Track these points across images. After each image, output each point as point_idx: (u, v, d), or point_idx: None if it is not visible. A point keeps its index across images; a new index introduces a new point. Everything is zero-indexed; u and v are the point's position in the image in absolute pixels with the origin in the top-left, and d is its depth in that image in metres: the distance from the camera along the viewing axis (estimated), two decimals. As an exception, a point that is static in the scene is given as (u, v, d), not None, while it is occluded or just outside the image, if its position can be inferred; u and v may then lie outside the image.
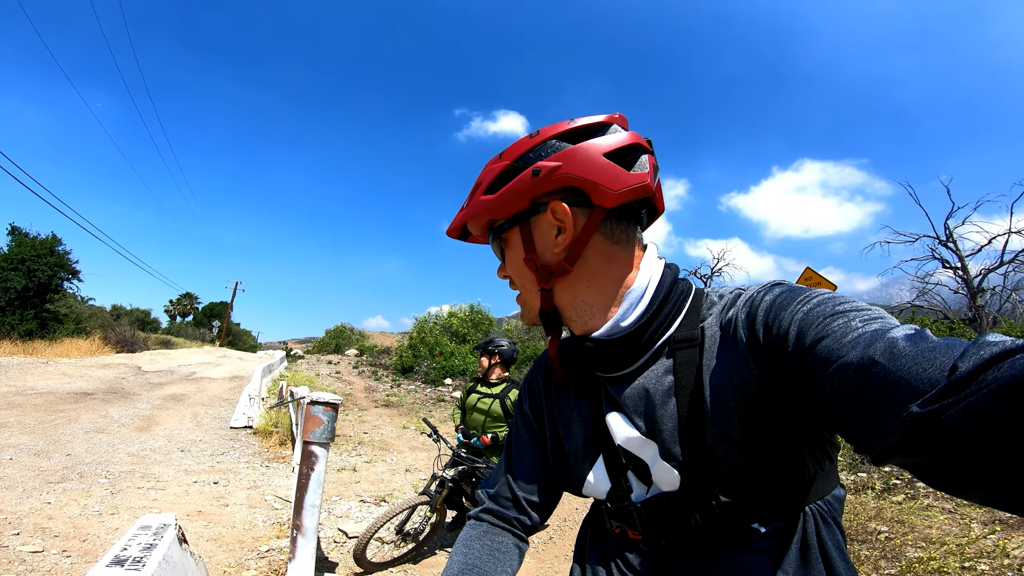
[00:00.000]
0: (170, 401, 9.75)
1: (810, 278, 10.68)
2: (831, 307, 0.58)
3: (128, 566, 1.72)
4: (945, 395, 0.39)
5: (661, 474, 0.71)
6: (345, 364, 22.74)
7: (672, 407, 0.70)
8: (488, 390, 4.15)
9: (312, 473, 2.82)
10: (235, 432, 7.94)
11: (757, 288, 0.71)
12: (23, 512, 3.47)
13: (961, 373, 0.39)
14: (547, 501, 0.90)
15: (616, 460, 0.76)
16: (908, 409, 0.41)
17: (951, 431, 0.38)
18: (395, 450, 8.25)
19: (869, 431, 0.47)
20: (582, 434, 0.81)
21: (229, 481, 5.29)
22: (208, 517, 4.04)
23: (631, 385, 0.75)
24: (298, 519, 2.70)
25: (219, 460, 6.13)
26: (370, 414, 11.75)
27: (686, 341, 0.71)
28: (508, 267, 0.82)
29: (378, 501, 5.31)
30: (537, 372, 0.94)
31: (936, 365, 0.42)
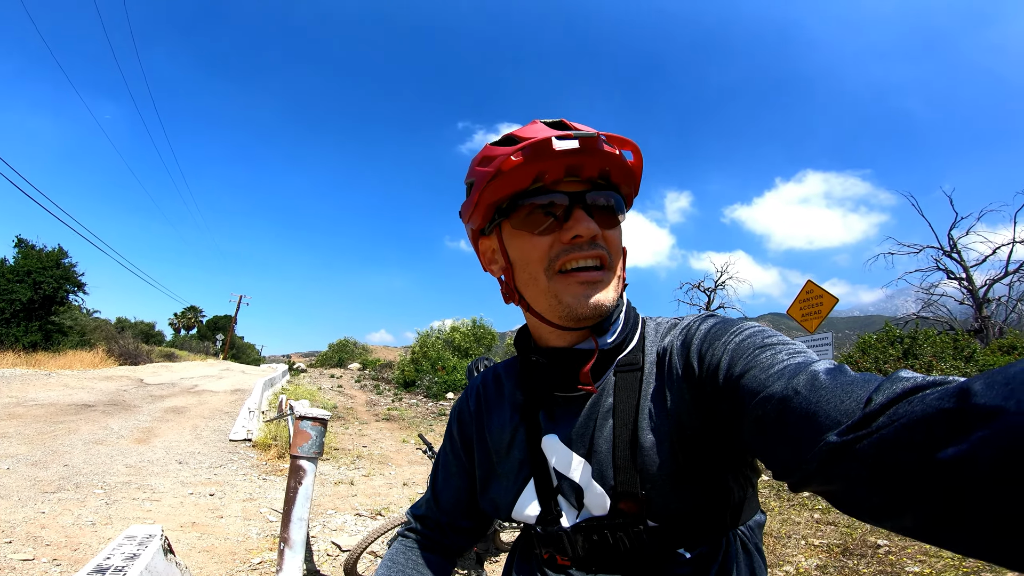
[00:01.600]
0: (171, 413, 9.74)
1: (811, 291, 10.64)
2: (760, 339, 0.61)
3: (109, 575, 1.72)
4: (859, 426, 0.41)
5: (593, 497, 0.70)
6: (348, 378, 22.72)
7: (608, 430, 0.70)
8: None
9: (300, 487, 2.82)
10: (234, 445, 7.92)
11: (693, 318, 0.73)
12: (16, 521, 3.47)
13: (875, 406, 0.41)
14: (473, 527, 0.91)
15: (547, 483, 0.75)
16: (825, 439, 0.43)
17: (864, 461, 0.40)
18: (394, 464, 8.21)
19: (789, 458, 0.48)
20: (514, 458, 0.80)
21: (225, 493, 5.27)
22: (202, 528, 4.03)
23: (577, 406, 0.74)
24: (285, 532, 2.69)
25: (216, 472, 6.11)
26: (370, 428, 11.71)
27: (629, 365, 0.73)
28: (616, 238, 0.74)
29: (374, 515, 5.27)
30: (468, 397, 0.92)
31: (853, 397, 0.45)
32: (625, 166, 0.72)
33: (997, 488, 0.31)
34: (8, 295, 18.18)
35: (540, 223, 0.71)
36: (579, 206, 0.70)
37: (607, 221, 0.72)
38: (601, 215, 0.71)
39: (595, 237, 0.69)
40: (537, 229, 0.71)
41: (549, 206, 0.70)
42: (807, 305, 10.47)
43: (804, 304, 10.51)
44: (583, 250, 0.69)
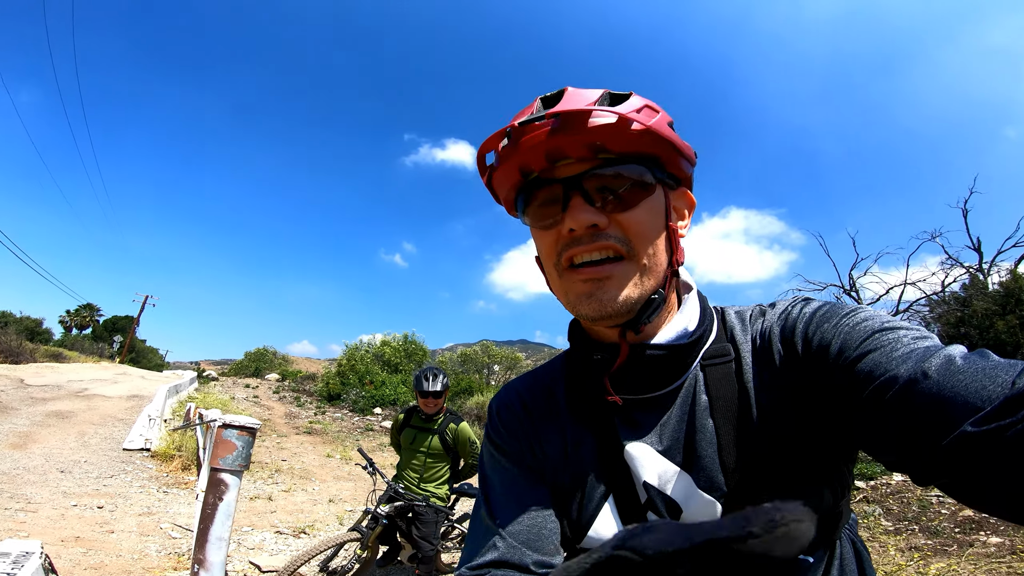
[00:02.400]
0: (53, 418, 8.59)
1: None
2: (879, 323, 0.54)
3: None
4: (1003, 414, 0.37)
5: (697, 508, 0.60)
6: (265, 388, 21.19)
7: (710, 430, 0.61)
8: (425, 424, 3.69)
9: (220, 503, 2.47)
10: (129, 454, 7.09)
11: (790, 302, 0.66)
12: None
13: (1019, 388, 0.37)
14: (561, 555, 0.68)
15: (632, 500, 0.63)
16: (962, 428, 0.39)
17: (1008, 453, 0.36)
18: (317, 479, 7.64)
19: (916, 448, 0.44)
20: (584, 473, 0.66)
21: (117, 506, 4.63)
22: (88, 544, 3.46)
23: (659, 407, 0.64)
24: (201, 553, 2.33)
25: (106, 483, 5.39)
26: (290, 441, 10.90)
27: (719, 357, 0.64)
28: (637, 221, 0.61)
29: (297, 533, 4.82)
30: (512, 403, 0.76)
31: (997, 382, 0.40)
32: (632, 132, 0.58)
33: None
34: None
35: (544, 217, 0.63)
36: (576, 193, 0.60)
37: (620, 202, 0.60)
38: (611, 196, 0.60)
39: (596, 226, 0.59)
40: (540, 223, 0.64)
41: (549, 197, 0.62)
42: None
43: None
44: (583, 243, 0.60)
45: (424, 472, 3.65)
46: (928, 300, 15.55)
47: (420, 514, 3.50)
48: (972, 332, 12.95)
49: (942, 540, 4.21)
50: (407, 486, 3.62)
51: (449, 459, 3.73)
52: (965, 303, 13.49)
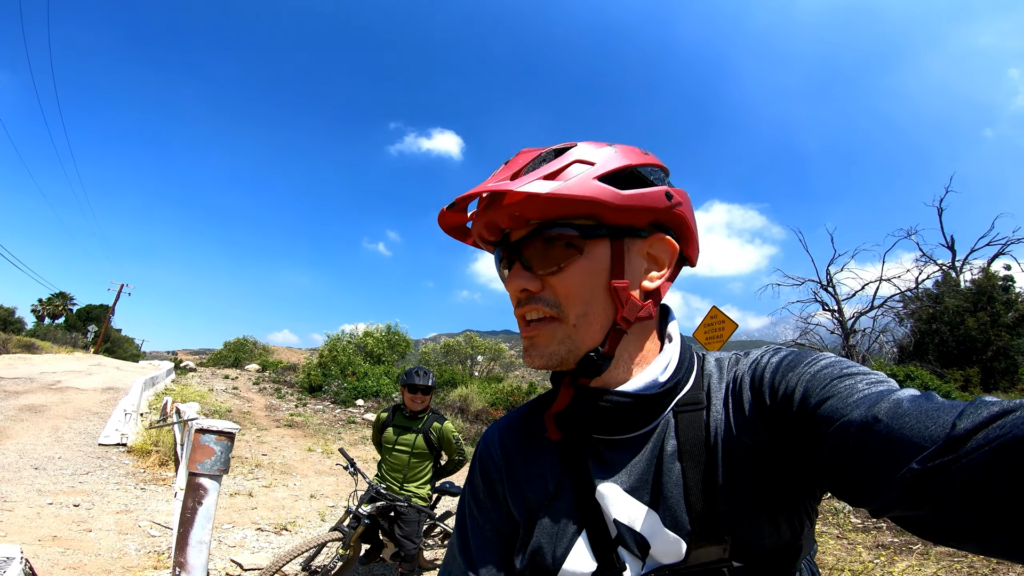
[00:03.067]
0: (26, 412, 8.40)
1: (715, 317, 11.49)
2: (838, 370, 0.59)
3: None
4: (944, 452, 0.41)
5: (663, 545, 0.64)
6: (244, 379, 20.93)
7: (677, 472, 0.65)
8: (408, 423, 3.73)
9: (200, 507, 2.47)
10: (105, 450, 6.97)
11: (761, 351, 0.70)
12: None
13: (960, 431, 0.41)
14: None
15: (603, 536, 0.67)
16: (909, 466, 0.43)
17: (951, 487, 0.40)
18: (299, 474, 7.61)
19: (870, 486, 0.48)
20: (560, 510, 0.70)
21: (94, 504, 4.56)
22: (65, 543, 3.42)
23: (631, 450, 0.68)
24: (181, 556, 2.33)
25: (82, 480, 5.31)
26: (271, 434, 10.81)
27: (691, 404, 0.68)
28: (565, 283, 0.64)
29: (278, 530, 4.81)
30: (492, 442, 0.81)
31: (938, 423, 0.44)
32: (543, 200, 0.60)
33: None
34: None
35: (502, 278, 0.70)
36: (516, 260, 0.66)
37: (551, 265, 0.63)
38: (544, 259, 0.64)
39: (528, 290, 0.64)
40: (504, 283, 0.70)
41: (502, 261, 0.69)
42: (711, 329, 11.31)
43: (708, 328, 11.34)
44: (522, 305, 0.66)
45: (408, 472, 3.66)
46: (902, 296, 15.97)
47: (402, 514, 3.52)
48: (943, 328, 13.36)
49: (908, 539, 4.38)
50: (389, 486, 3.63)
51: (432, 458, 3.75)
52: (937, 300, 13.90)
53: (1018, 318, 10.24)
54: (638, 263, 0.67)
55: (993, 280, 11.32)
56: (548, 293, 0.64)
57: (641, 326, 0.69)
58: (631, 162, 0.64)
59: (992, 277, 11.49)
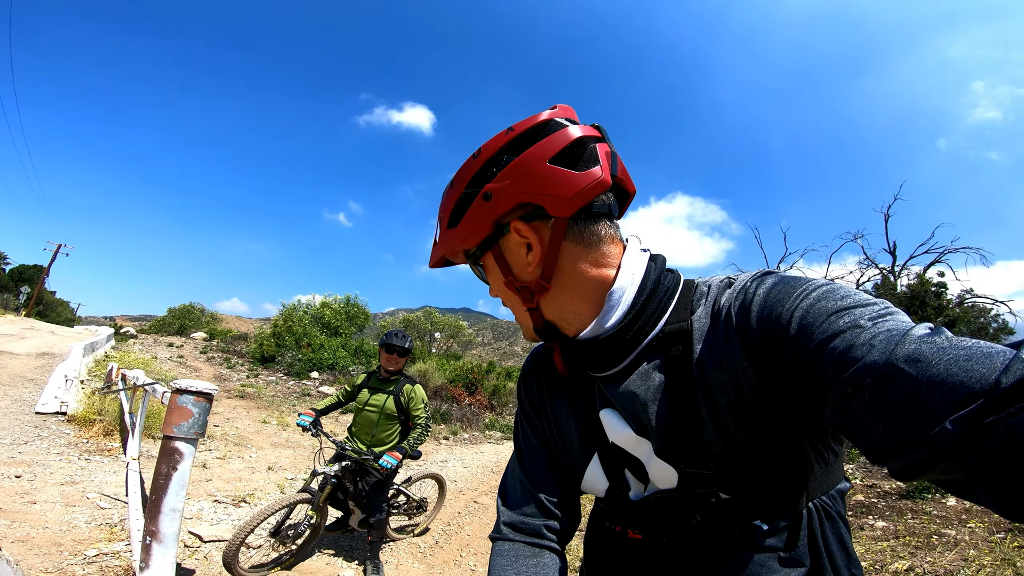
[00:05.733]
0: (-49, 377, 7.79)
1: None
2: (834, 302, 0.53)
3: None
4: (986, 412, 0.37)
5: (658, 472, 0.68)
6: (190, 348, 20.07)
7: (664, 404, 0.67)
8: (381, 385, 3.89)
9: (175, 473, 2.41)
10: (43, 419, 6.58)
11: (748, 277, 0.66)
12: None
13: (1004, 387, 0.36)
14: (571, 500, 0.83)
15: (612, 458, 0.74)
16: (942, 424, 0.38)
17: (990, 453, 0.36)
18: (254, 446, 7.47)
19: (893, 444, 0.43)
20: (577, 431, 0.78)
21: (36, 475, 4.35)
22: (10, 516, 3.27)
23: (623, 383, 0.71)
24: (153, 524, 2.28)
25: (21, 451, 5.02)
26: (222, 405, 10.49)
27: (675, 335, 0.68)
28: (493, 291, 0.80)
29: (236, 502, 4.74)
30: (531, 371, 0.90)
31: (975, 376, 0.39)
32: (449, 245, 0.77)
33: None
34: None
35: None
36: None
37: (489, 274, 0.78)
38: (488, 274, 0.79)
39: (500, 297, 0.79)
40: None
41: None
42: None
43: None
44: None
45: (377, 432, 3.76)
46: (842, 295, 16.93)
47: (367, 474, 3.58)
48: (876, 325, 14.34)
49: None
50: (356, 447, 3.70)
51: (400, 422, 3.81)
52: (873, 300, 14.84)
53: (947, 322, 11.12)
54: (518, 251, 0.72)
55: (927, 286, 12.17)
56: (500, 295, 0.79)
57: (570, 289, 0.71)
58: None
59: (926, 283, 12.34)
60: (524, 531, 0.79)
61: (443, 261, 0.82)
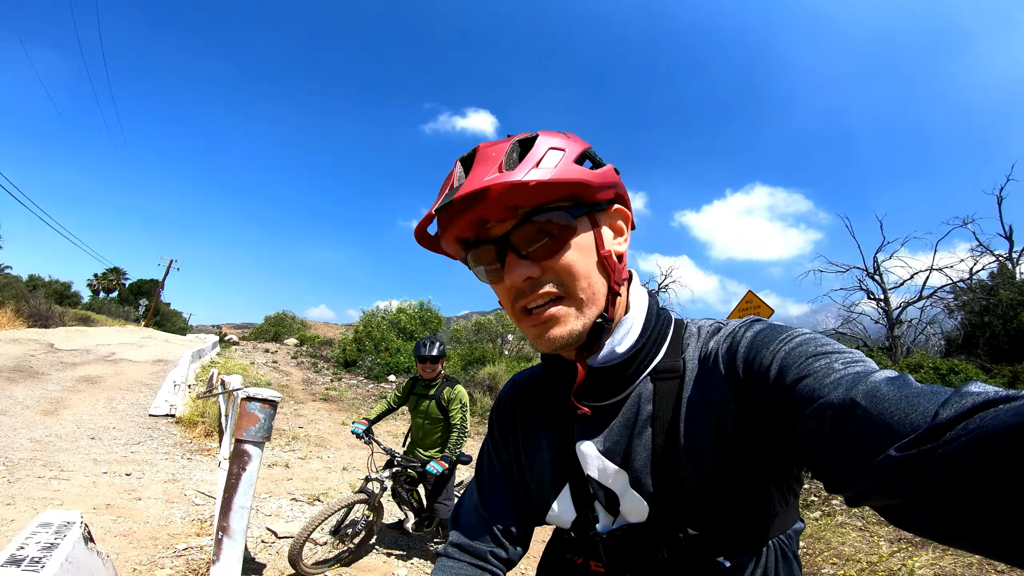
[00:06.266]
0: (83, 383, 9.00)
1: (751, 301, 11.27)
2: (813, 347, 0.58)
3: (26, 566, 1.55)
4: (925, 441, 0.40)
5: (630, 505, 0.70)
6: (283, 354, 21.79)
7: (647, 437, 0.69)
8: (424, 391, 4.01)
9: (244, 473, 2.65)
10: (155, 420, 7.42)
11: (738, 323, 0.71)
12: None
13: (942, 420, 0.40)
14: (523, 531, 0.86)
15: (583, 490, 0.75)
16: (887, 453, 0.42)
17: (930, 478, 0.39)
18: (332, 447, 7.96)
19: (846, 472, 0.47)
20: (549, 462, 0.79)
21: (144, 473, 4.92)
22: (118, 511, 3.72)
23: (609, 414, 0.73)
24: (224, 520, 2.51)
25: (134, 450, 5.70)
26: (307, 408, 11.29)
27: (668, 372, 0.70)
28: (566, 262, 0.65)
29: (311, 500, 5.08)
30: (508, 400, 0.90)
31: (919, 410, 0.42)
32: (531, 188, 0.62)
33: None
34: None
35: (490, 273, 0.69)
36: (510, 252, 0.65)
37: (548, 248, 0.65)
38: (539, 246, 0.65)
39: (531, 278, 0.65)
40: (489, 280, 0.70)
41: (488, 257, 0.67)
42: (745, 314, 11.11)
43: (743, 313, 11.15)
44: (526, 294, 0.66)
45: (425, 436, 3.94)
46: (953, 287, 15.18)
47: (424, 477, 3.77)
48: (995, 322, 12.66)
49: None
50: (409, 452, 3.92)
51: (446, 424, 3.93)
52: (991, 292, 13.15)
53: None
54: (608, 233, 0.71)
55: (1051, 274, 10.60)
56: (550, 275, 0.66)
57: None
58: (584, 147, 0.68)
59: (1051, 271, 10.76)
60: (470, 553, 0.83)
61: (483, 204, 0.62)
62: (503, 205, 0.63)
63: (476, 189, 0.61)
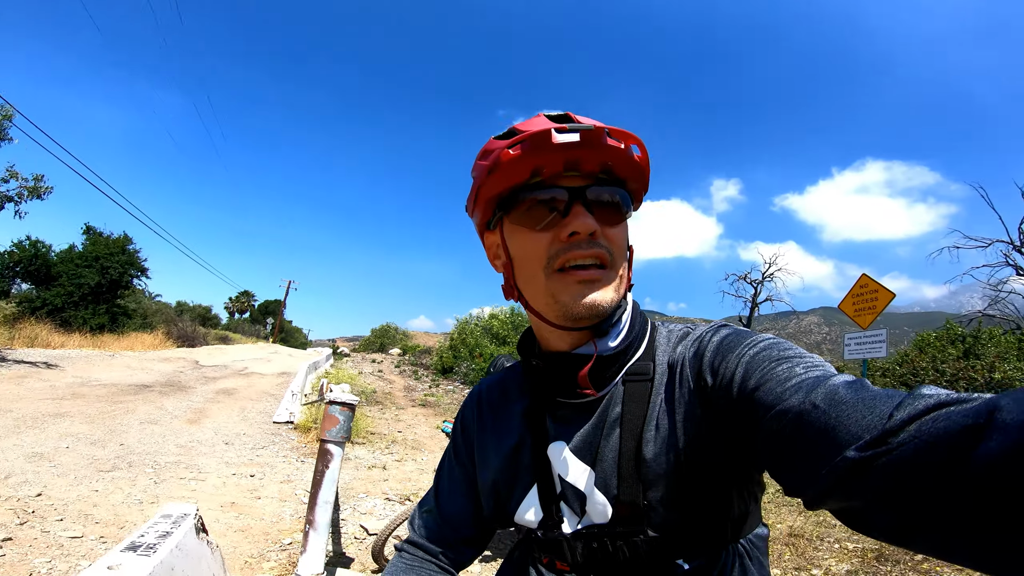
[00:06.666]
0: (221, 395, 10.28)
1: (866, 285, 10.17)
2: (776, 352, 0.60)
3: (141, 552, 1.84)
4: (879, 443, 0.40)
5: (595, 506, 0.71)
6: (388, 363, 23.33)
7: (615, 439, 0.71)
8: None
9: (327, 470, 2.92)
10: (277, 427, 8.28)
11: (706, 328, 0.73)
12: (71, 499, 3.75)
13: (896, 422, 0.40)
14: (476, 535, 0.89)
15: (550, 490, 0.76)
16: (843, 454, 0.43)
17: (884, 479, 0.40)
18: (426, 450, 8.40)
19: (805, 474, 0.47)
20: (519, 463, 0.81)
21: (265, 474, 5.53)
22: (240, 509, 4.25)
23: (584, 413, 0.74)
24: (311, 514, 2.80)
25: (258, 454, 6.41)
26: (406, 413, 12.00)
27: (640, 374, 0.72)
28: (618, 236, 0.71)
29: (402, 500, 5.42)
30: (472, 402, 0.93)
31: (875, 413, 0.43)
32: (631, 161, 0.68)
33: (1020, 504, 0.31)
34: (77, 279, 19.51)
35: (540, 219, 0.69)
36: (579, 202, 0.67)
37: (610, 218, 0.69)
38: (603, 212, 0.68)
39: (594, 234, 0.67)
40: (537, 225, 0.69)
41: (549, 201, 0.68)
42: (860, 300, 10.03)
43: (857, 299, 10.08)
44: (581, 248, 0.67)
45: None
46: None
47: None
48: None
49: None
50: None
51: None
52: None
53: None
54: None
55: None
56: (604, 241, 0.68)
57: None
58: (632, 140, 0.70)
59: None
60: (424, 551, 0.88)
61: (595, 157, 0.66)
62: (603, 159, 0.66)
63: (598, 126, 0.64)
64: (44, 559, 2.81)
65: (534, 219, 0.69)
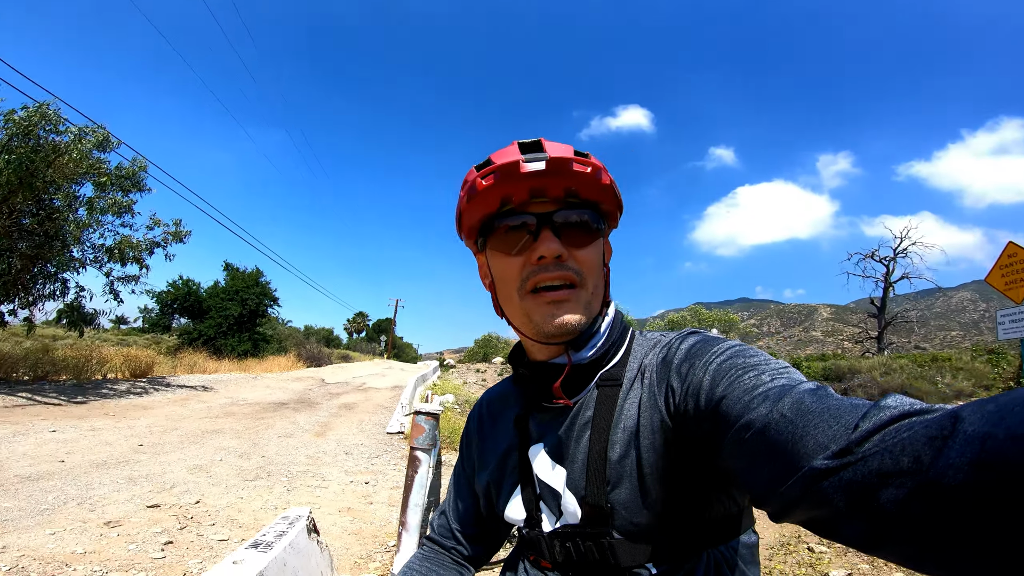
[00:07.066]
0: (343, 409, 11.29)
1: (1015, 255, 8.76)
2: (743, 359, 0.60)
3: (260, 549, 2.19)
4: (844, 453, 0.41)
5: (567, 505, 0.74)
6: (491, 372, 24.05)
7: (585, 441, 0.73)
8: None
9: (416, 475, 3.20)
10: (390, 437, 8.92)
11: (675, 335, 0.74)
12: (221, 506, 4.44)
13: (861, 432, 0.41)
14: (479, 533, 0.96)
15: (532, 490, 0.80)
16: (810, 465, 0.43)
17: (850, 489, 0.40)
18: (526, 456, 8.60)
19: (771, 484, 0.47)
20: (509, 464, 0.86)
21: (378, 482, 6.05)
22: (355, 514, 4.74)
23: (561, 417, 0.78)
24: (403, 516, 3.09)
25: (373, 462, 6.99)
26: (508, 421, 12.33)
27: (610, 380, 0.75)
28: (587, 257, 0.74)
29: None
30: (475, 412, 0.99)
31: (840, 423, 0.44)
32: (598, 184, 0.72)
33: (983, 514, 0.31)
34: (224, 311, 22.64)
35: (514, 243, 0.74)
36: (547, 227, 0.72)
37: (578, 240, 0.73)
38: (572, 234, 0.73)
39: (561, 257, 0.71)
40: (511, 250, 0.74)
41: (521, 227, 0.73)
42: (1010, 271, 8.64)
43: (1006, 270, 8.69)
44: (548, 271, 0.72)
45: None
46: None
47: None
48: None
49: None
50: None
51: None
52: None
53: None
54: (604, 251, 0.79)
55: None
56: (573, 263, 0.73)
57: None
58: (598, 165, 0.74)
59: None
60: (440, 546, 0.97)
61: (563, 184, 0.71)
62: (568, 185, 0.71)
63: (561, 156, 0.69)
64: (196, 560, 3.36)
65: (509, 244, 0.74)
